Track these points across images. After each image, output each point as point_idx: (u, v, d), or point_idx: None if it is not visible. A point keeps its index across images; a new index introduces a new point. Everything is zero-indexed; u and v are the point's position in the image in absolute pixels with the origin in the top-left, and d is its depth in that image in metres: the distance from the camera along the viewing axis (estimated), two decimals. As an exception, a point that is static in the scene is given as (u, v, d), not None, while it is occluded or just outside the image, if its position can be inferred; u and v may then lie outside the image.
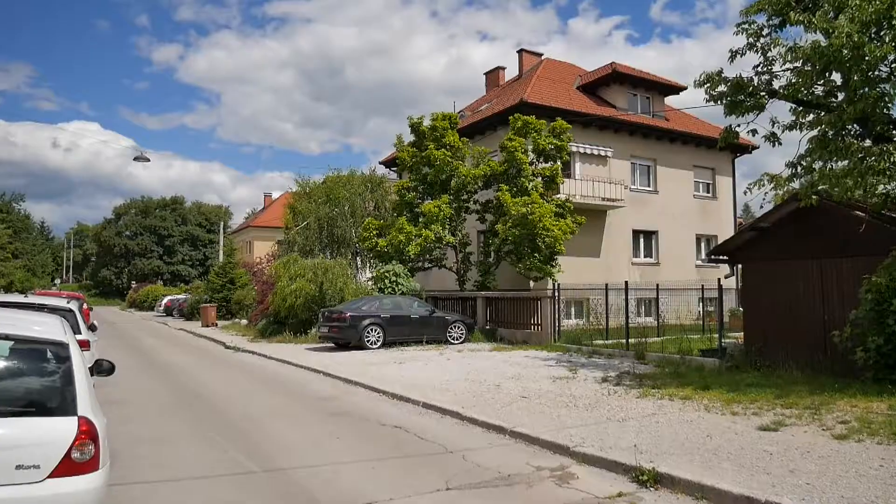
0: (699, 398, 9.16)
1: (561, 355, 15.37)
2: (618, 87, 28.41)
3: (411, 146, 24.14)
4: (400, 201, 23.81)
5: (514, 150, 21.71)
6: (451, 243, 22.49)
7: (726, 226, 31.01)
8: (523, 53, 32.45)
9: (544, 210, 20.57)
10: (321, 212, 27.62)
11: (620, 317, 19.65)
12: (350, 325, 17.06)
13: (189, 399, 10.41)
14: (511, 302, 19.79)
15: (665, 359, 13.86)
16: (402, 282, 20.78)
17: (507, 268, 23.22)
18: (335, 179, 29.21)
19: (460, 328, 18.81)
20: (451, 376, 11.87)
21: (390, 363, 14.14)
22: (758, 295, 13.19)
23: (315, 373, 13.28)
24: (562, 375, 11.63)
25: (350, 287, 21.52)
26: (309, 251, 27.03)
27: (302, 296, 20.39)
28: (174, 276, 73.46)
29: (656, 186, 28.48)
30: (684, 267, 28.64)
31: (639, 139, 28.01)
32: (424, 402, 9.33)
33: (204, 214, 78.35)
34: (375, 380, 11.57)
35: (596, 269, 25.34)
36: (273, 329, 21.99)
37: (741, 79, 11.83)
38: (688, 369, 12.17)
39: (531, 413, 8.40)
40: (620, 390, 9.95)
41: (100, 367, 5.57)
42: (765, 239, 13.12)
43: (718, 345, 13.53)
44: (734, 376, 11.17)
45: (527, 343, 17.96)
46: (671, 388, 10.03)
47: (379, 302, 18.12)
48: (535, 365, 13.39)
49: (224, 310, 33.75)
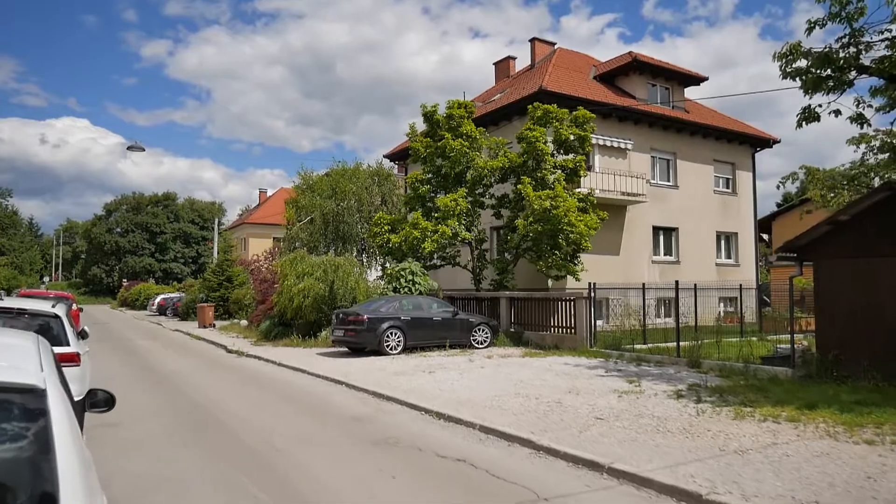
0: (809, 420, 7.69)
1: (604, 362, 13.88)
2: (637, 76, 27.03)
3: (424, 136, 22.62)
4: (413, 195, 22.29)
5: (534, 141, 20.24)
6: (467, 240, 20.99)
7: (746, 223, 29.77)
8: (535, 42, 31.05)
9: (569, 204, 19.13)
10: (326, 206, 26.02)
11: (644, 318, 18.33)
12: (368, 328, 15.50)
13: (197, 419, 8.83)
14: (539, 303, 18.28)
15: (726, 367, 12.41)
16: (420, 281, 19.24)
17: (523, 266, 21.80)
18: (340, 172, 27.63)
19: (485, 331, 17.30)
20: (495, 389, 10.35)
21: (419, 372, 12.60)
22: (834, 296, 11.74)
23: (336, 384, 11.72)
24: (625, 389, 10.13)
25: (362, 287, 19.96)
26: (314, 248, 25.46)
27: (311, 296, 18.81)
28: (166, 273, 71.58)
29: (676, 181, 27.14)
30: (705, 266, 27.41)
31: (658, 131, 26.64)
32: (482, 425, 7.80)
33: (197, 211, 76.47)
34: (410, 393, 10.05)
35: (615, 267, 24.01)
36: (278, 331, 20.39)
37: (831, 50, 10.37)
38: (762, 381, 10.73)
39: (620, 441, 6.91)
40: (707, 409, 8.46)
41: (94, 400, 4.03)
42: (843, 234, 11.66)
43: (791, 351, 12.06)
44: (825, 390, 9.73)
45: (559, 348, 16.46)
46: (764, 406, 8.57)
47: (398, 303, 16.56)
48: (583, 375, 11.89)
49: (222, 309, 32.10)
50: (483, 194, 21.80)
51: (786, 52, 10.48)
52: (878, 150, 22.05)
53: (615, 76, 27.72)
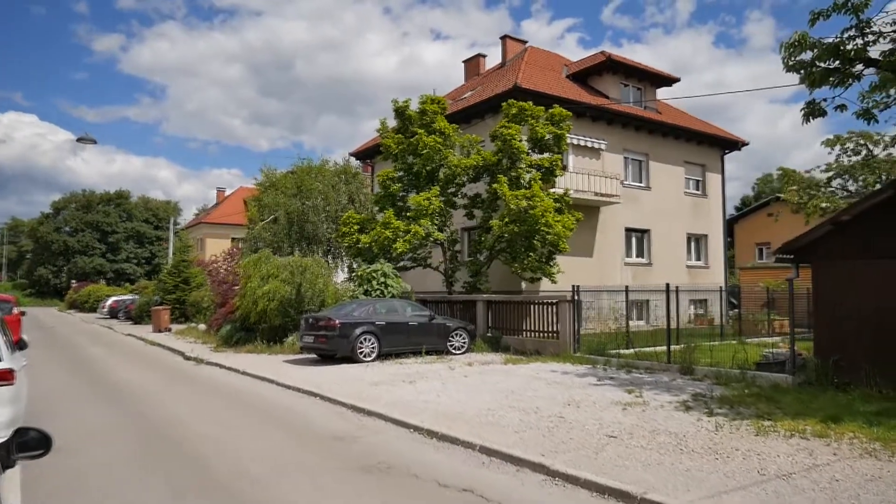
0: (839, 436, 7.06)
1: (592, 369, 13.17)
2: (610, 76, 26.66)
3: (396, 132, 21.70)
4: (383, 193, 21.32)
5: (509, 139, 19.54)
6: (439, 240, 20.16)
7: (716, 225, 29.73)
8: (507, 40, 30.49)
9: (546, 204, 18.48)
10: (291, 205, 24.82)
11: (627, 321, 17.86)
12: (340, 333, 14.48)
13: (156, 442, 7.75)
14: (519, 306, 17.51)
15: (721, 374, 11.83)
16: (392, 283, 18.29)
17: (496, 268, 21.09)
18: (306, 170, 26.45)
19: (463, 336, 16.46)
20: (486, 401, 9.51)
21: (398, 381, 11.67)
22: (834, 300, 11.24)
23: (310, 396, 10.71)
24: (627, 401, 9.40)
25: (331, 290, 18.90)
26: (278, 248, 24.24)
27: (276, 299, 17.67)
28: (118, 274, 68.76)
29: (648, 182, 26.88)
30: (676, 267, 27.22)
31: (631, 132, 26.34)
32: (483, 446, 6.94)
33: (151, 210, 73.75)
34: (394, 407, 9.13)
35: (589, 269, 23.53)
36: (241, 336, 19.17)
37: (842, 41, 9.83)
38: (765, 389, 10.14)
39: (645, 465, 6.13)
40: (724, 423, 7.76)
41: (23, 442, 3.03)
42: (844, 235, 11.19)
43: (791, 356, 11.52)
44: (834, 399, 9.21)
45: (540, 353, 15.72)
46: (783, 419, 7.92)
47: (372, 307, 15.58)
48: (576, 384, 11.13)
49: (178, 313, 30.53)
50: (456, 194, 21.02)
51: (794, 42, 9.90)
52: (852, 153, 22.08)
53: (588, 75, 27.31)
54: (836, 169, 21.71)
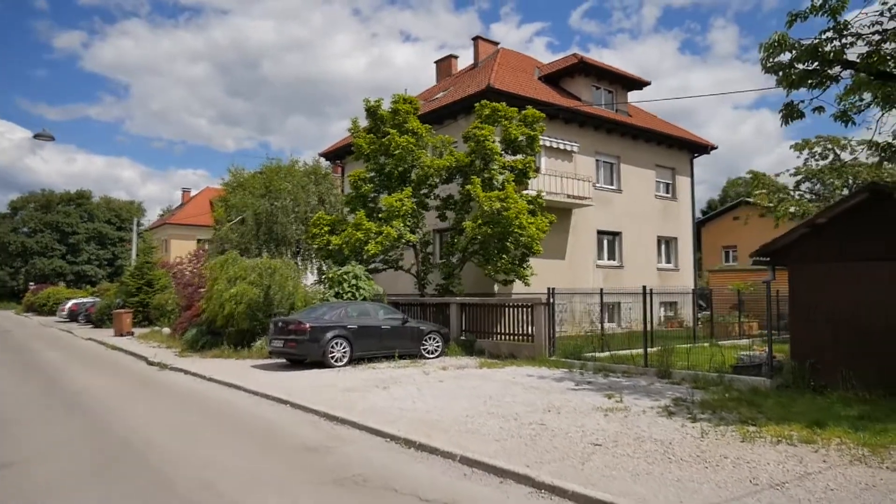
0: (825, 442, 6.93)
1: (569, 373, 12.98)
2: (582, 78, 26.68)
3: (367, 132, 21.33)
4: (354, 194, 20.92)
5: (483, 140, 19.35)
6: (411, 242, 19.84)
7: (685, 228, 29.96)
8: (479, 41, 30.33)
9: (520, 206, 18.33)
10: (259, 206, 24.22)
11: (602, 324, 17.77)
12: (311, 337, 14.05)
13: (116, 455, 7.27)
14: (493, 309, 17.25)
15: (699, 377, 11.72)
16: (364, 285, 17.90)
17: (468, 270, 20.87)
18: (274, 170, 25.85)
19: (436, 340, 16.14)
20: (464, 407, 9.21)
21: (372, 387, 11.30)
22: (810, 302, 11.22)
23: (280, 403, 10.28)
24: (607, 406, 9.18)
25: (300, 292, 18.42)
26: (245, 249, 23.61)
27: (244, 301, 17.13)
28: (79, 276, 66.85)
29: (620, 185, 26.96)
30: (647, 270, 27.35)
31: (603, 135, 26.39)
32: (464, 456, 6.64)
33: (114, 211, 71.85)
34: (368, 415, 8.77)
35: (561, 272, 23.47)
36: (207, 340, 18.56)
37: (821, 42, 9.78)
38: (744, 393, 10.05)
39: (634, 475, 5.88)
40: (709, 430, 7.58)
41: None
42: (820, 237, 11.18)
43: (768, 359, 11.46)
44: (815, 403, 9.14)
45: (515, 357, 15.49)
46: (767, 424, 7.78)
47: (344, 310, 15.17)
48: (554, 389, 10.90)
49: (141, 316, 29.65)
50: (428, 195, 20.73)
51: (774, 42, 9.83)
52: (820, 157, 22.37)
53: (560, 77, 27.31)
54: (805, 173, 21.96)
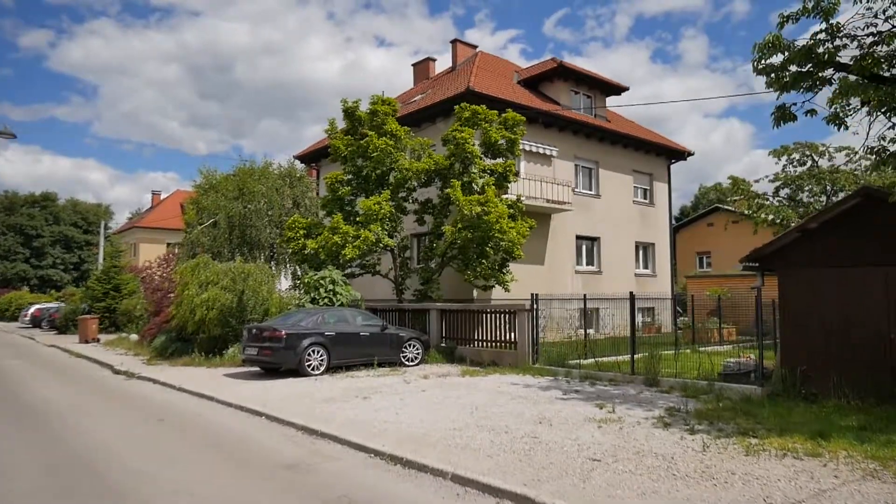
0: (832, 454, 6.64)
1: (555, 381, 12.61)
2: (561, 83, 26.54)
3: (345, 133, 20.84)
4: (331, 197, 20.38)
5: (463, 142, 19.00)
6: (389, 246, 19.38)
7: (662, 233, 29.95)
8: (457, 44, 30.06)
9: (501, 210, 18.01)
10: (232, 208, 23.52)
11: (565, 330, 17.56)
12: (286, 345, 13.49)
13: (74, 477, 6.69)
14: (474, 315, 16.84)
15: (688, 385, 11.45)
16: (341, 291, 17.35)
17: (447, 276, 20.48)
18: (248, 172, 25.14)
19: (416, 347, 15.68)
20: (451, 419, 8.77)
21: (351, 398, 10.80)
22: (800, 309, 11.02)
23: (255, 416, 9.74)
24: (600, 417, 8.81)
25: (275, 298, 17.81)
26: (217, 253, 22.87)
27: (216, 307, 16.48)
28: (43, 281, 64.91)
29: (599, 190, 26.84)
30: (624, 276, 27.27)
31: (582, 139, 26.26)
32: (455, 474, 6.21)
33: (80, 213, 69.94)
34: (350, 428, 8.29)
35: (540, 277, 23.23)
36: (176, 348, 17.86)
37: (816, 43, 9.58)
38: (737, 402, 9.77)
39: (639, 493, 5.51)
40: (709, 442, 7.25)
41: None
42: (811, 242, 10.99)
43: (759, 367, 11.22)
44: (811, 412, 8.89)
45: (497, 365, 15.09)
46: (768, 436, 7.48)
47: (321, 316, 14.62)
48: (542, 399, 10.51)
49: (108, 322, 28.67)
50: (406, 198, 20.32)
51: (768, 43, 9.60)
52: (798, 163, 22.44)
53: (539, 82, 27.16)
54: (784, 179, 22.01)
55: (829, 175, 20.42)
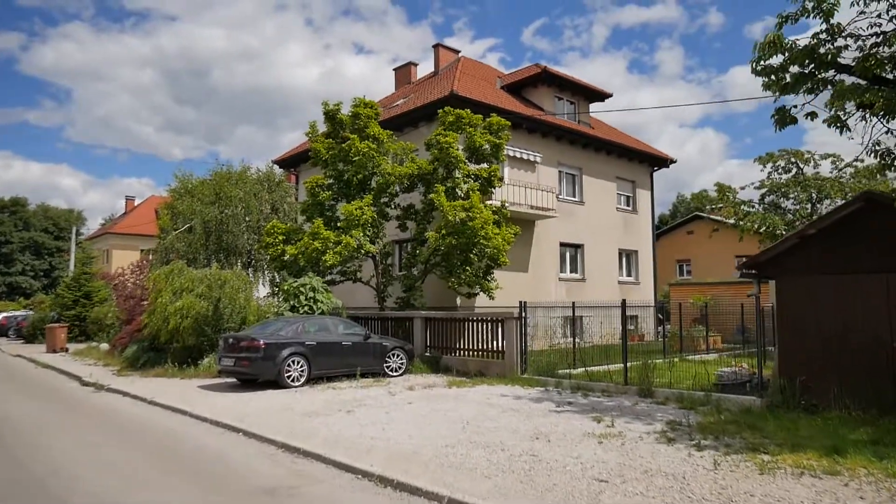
0: (852, 472, 6.24)
1: (545, 393, 12.15)
2: (545, 88, 26.27)
3: (326, 137, 20.31)
4: (311, 201, 19.80)
5: (447, 147, 18.58)
6: (371, 253, 18.84)
7: (645, 241, 29.79)
8: (439, 48, 29.66)
9: (486, 216, 17.59)
10: (208, 213, 22.79)
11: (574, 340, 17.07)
12: (265, 355, 12.86)
13: (34, 501, 6.07)
14: (460, 324, 16.32)
15: (683, 396, 11.06)
16: (322, 298, 16.77)
17: (430, 283, 19.99)
18: (225, 176, 24.41)
19: (400, 357, 15.13)
20: (442, 435, 8.25)
21: (334, 411, 10.23)
22: (799, 316, 10.69)
23: (231, 431, 9.12)
24: (599, 432, 8.35)
25: (252, 306, 17.15)
26: (193, 260, 22.13)
27: (191, 315, 15.78)
28: (12, 288, 63.13)
29: (582, 197, 26.59)
30: (608, 283, 27.02)
31: (566, 146, 25.99)
32: (452, 499, 5.69)
33: (51, 219, 68.25)
34: (335, 445, 7.73)
35: (524, 284, 22.85)
36: (148, 358, 17.10)
37: (818, 43, 9.28)
38: (737, 414, 9.39)
39: (656, 521, 5.06)
40: (719, 459, 6.82)
41: None
42: (810, 249, 10.69)
43: (758, 377, 10.85)
44: (817, 425, 8.51)
45: (484, 375, 14.60)
46: (780, 452, 7.07)
47: (301, 325, 14.01)
48: (535, 412, 10.02)
49: (77, 331, 27.68)
50: (388, 204, 19.82)
51: (769, 42, 9.27)
52: (783, 170, 22.34)
53: (523, 87, 26.88)
54: (769, 186, 21.87)
55: (815, 182, 20.29)
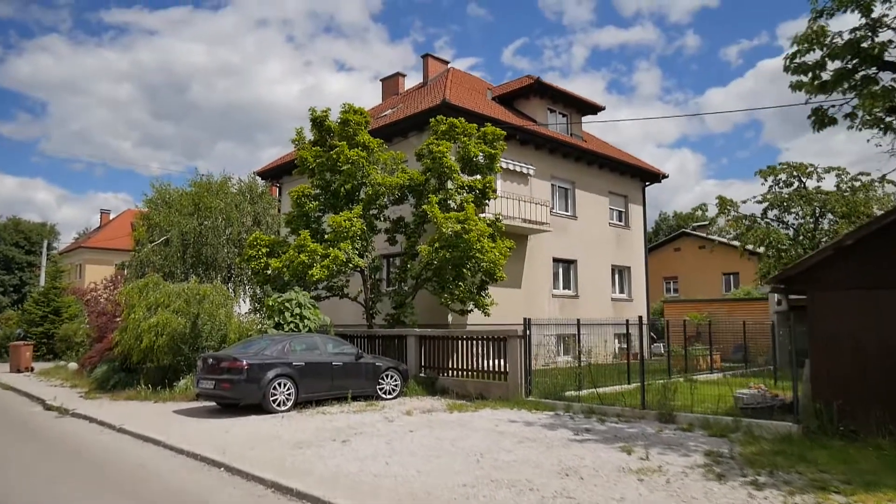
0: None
1: (557, 418, 11.14)
2: (537, 100, 25.60)
3: (313, 144, 19.30)
4: (297, 212, 18.73)
5: (440, 156, 17.69)
6: (360, 267, 17.79)
7: (638, 257, 29.08)
8: (428, 59, 28.98)
9: (482, 228, 16.68)
10: (187, 225, 21.61)
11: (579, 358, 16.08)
12: (249, 377, 11.69)
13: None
14: (458, 342, 15.25)
15: (709, 422, 10.13)
16: (309, 315, 15.65)
17: (419, 299, 18.95)
18: (205, 186, 23.28)
19: (394, 378, 14.04)
20: (457, 471, 7.19)
21: (327, 441, 9.12)
22: (834, 334, 9.85)
23: (212, 466, 7.97)
24: (635, 466, 7.34)
25: (234, 323, 15.97)
26: (169, 273, 20.91)
27: (166, 333, 14.57)
28: (-21, 305, 60.78)
29: (575, 211, 25.83)
30: (601, 300, 26.22)
31: (559, 159, 25.26)
32: (487, 558, 4.68)
33: (23, 233, 65.94)
34: (335, 485, 6.64)
35: (516, 301, 21.93)
36: (119, 379, 15.82)
37: (863, 36, 8.53)
38: (782, 444, 8.47)
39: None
40: (788, 501, 5.87)
41: None
42: (847, 261, 9.87)
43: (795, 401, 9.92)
44: (874, 456, 7.61)
45: (485, 398, 13.55)
46: (855, 492, 6.13)
47: (287, 344, 12.87)
48: (554, 441, 8.99)
49: (45, 349, 26.18)
50: (378, 216, 18.82)
51: (809, 35, 8.51)
52: (784, 184, 21.75)
53: (515, 98, 26.19)
54: (772, 200, 21.23)
55: (819, 196, 19.68)
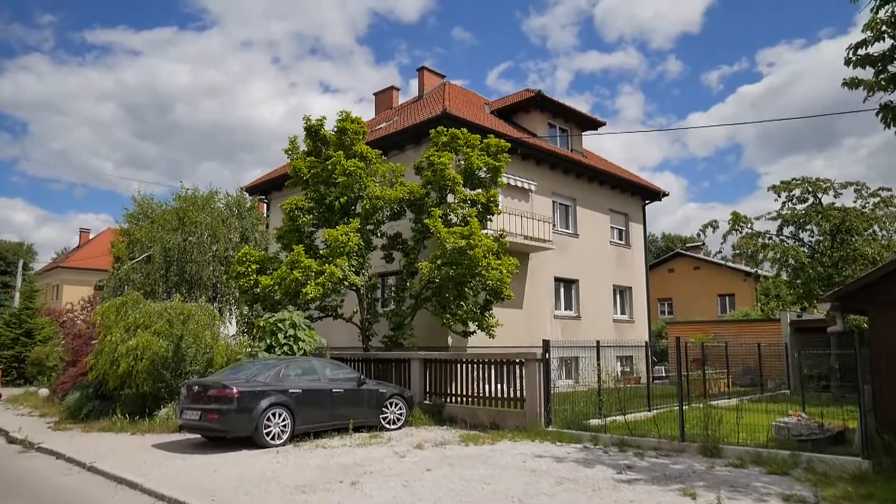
0: None
1: (588, 452, 9.90)
2: (538, 114, 24.76)
3: (307, 155, 18.16)
4: (289, 226, 17.51)
5: (441, 169, 16.65)
6: (356, 285, 16.55)
7: (639, 277, 28.13)
8: (424, 72, 28.13)
9: (487, 244, 15.59)
10: (170, 240, 20.25)
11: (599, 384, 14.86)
12: (239, 407, 10.35)
13: None
14: (467, 367, 13.94)
15: (761, 456, 8.96)
16: (303, 336, 14.34)
17: (418, 320, 17.76)
18: (190, 201, 21.95)
19: (399, 406, 12.75)
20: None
21: (334, 483, 7.81)
22: (902, 358, 8.81)
23: (198, 517, 6.69)
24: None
25: (221, 345, 14.60)
26: (151, 292, 19.50)
27: (147, 357, 13.18)
28: (-50, 327, 58.42)
29: (577, 229, 24.87)
30: (603, 322, 25.16)
31: (560, 175, 24.34)
32: None
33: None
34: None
35: (518, 322, 20.83)
36: (93, 407, 14.37)
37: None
38: (863, 483, 7.32)
39: None
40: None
41: None
42: (914, 276, 8.87)
43: (861, 432, 8.76)
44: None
45: (499, 428, 12.29)
46: None
47: (282, 369, 11.53)
48: (598, 483, 7.75)
49: (15, 373, 24.51)
50: (374, 232, 17.67)
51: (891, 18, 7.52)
52: (798, 200, 20.90)
53: (514, 112, 25.34)
54: (787, 217, 20.35)
55: (838, 213, 18.81)
